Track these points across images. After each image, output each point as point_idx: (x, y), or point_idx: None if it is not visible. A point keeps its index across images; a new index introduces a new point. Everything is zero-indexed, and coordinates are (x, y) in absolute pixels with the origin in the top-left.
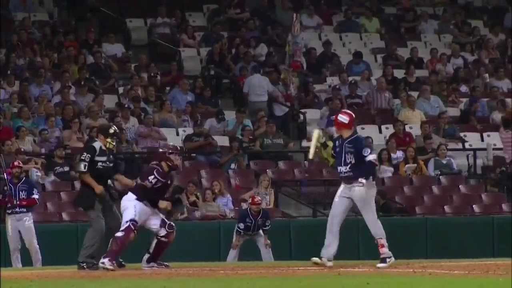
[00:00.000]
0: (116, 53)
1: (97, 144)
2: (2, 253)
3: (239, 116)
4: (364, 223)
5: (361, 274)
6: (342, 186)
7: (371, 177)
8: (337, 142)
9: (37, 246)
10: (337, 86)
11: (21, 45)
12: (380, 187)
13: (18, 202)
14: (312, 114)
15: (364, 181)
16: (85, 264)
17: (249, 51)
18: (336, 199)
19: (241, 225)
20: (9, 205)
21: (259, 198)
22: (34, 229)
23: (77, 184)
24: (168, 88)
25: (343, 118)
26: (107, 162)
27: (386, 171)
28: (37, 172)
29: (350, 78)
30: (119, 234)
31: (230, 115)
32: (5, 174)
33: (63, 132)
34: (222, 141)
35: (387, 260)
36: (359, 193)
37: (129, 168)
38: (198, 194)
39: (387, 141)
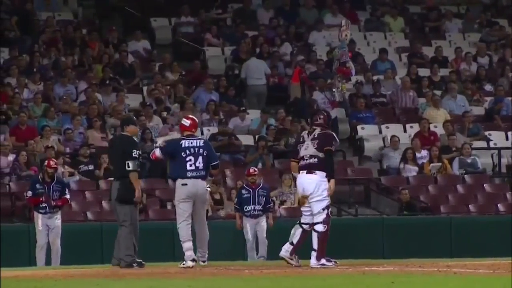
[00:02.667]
0: (140, 51)
1: (133, 138)
2: (27, 252)
3: (263, 115)
4: (388, 221)
5: (386, 273)
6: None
7: None
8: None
9: (60, 246)
10: (359, 81)
11: (46, 45)
12: (404, 186)
13: (55, 203)
14: (336, 112)
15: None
16: (133, 261)
17: (276, 51)
18: None
19: (238, 201)
20: (44, 205)
21: (255, 169)
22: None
23: (102, 184)
24: (191, 87)
25: (185, 121)
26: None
27: (411, 170)
28: (62, 171)
29: (375, 77)
30: (321, 228)
31: (254, 114)
32: (39, 173)
33: (87, 131)
34: (246, 140)
35: (182, 263)
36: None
37: (153, 167)
38: (222, 193)
39: (411, 140)
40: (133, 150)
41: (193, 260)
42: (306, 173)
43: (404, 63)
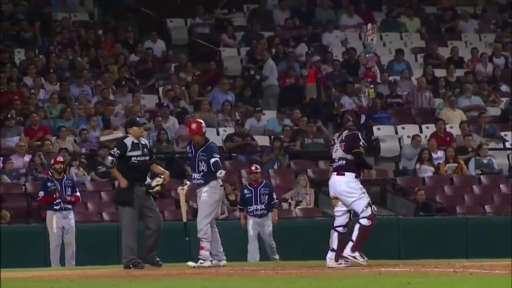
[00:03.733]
0: (156, 52)
1: (128, 140)
2: (43, 252)
3: (279, 116)
4: (404, 222)
5: (402, 274)
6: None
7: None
8: (188, 148)
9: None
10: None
11: (62, 45)
12: (420, 187)
13: (69, 199)
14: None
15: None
16: (130, 263)
17: (292, 51)
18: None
19: (241, 201)
20: (58, 201)
21: (257, 166)
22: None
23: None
24: (206, 88)
25: (204, 128)
26: (142, 156)
27: (427, 171)
28: (76, 171)
29: (390, 78)
30: (365, 222)
31: (270, 115)
32: (49, 172)
33: (103, 132)
34: (262, 140)
35: (200, 261)
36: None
37: (169, 168)
38: (238, 193)
39: (427, 140)
40: (114, 148)
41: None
42: (336, 175)
43: (420, 64)
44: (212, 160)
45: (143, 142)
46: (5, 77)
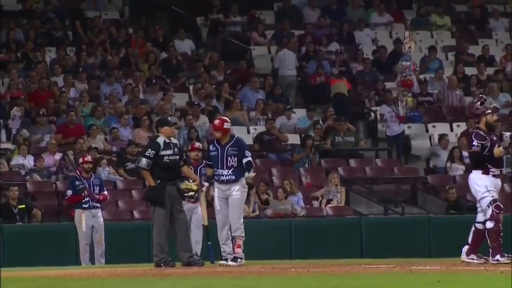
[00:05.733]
0: (186, 50)
1: (160, 139)
2: (74, 250)
3: (310, 114)
4: (435, 220)
5: (433, 272)
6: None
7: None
8: (211, 147)
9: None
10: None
11: (92, 44)
12: (451, 185)
13: (98, 197)
14: (382, 112)
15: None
16: (161, 261)
17: (320, 49)
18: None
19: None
20: (86, 199)
21: (200, 144)
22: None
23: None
24: (237, 86)
25: (228, 125)
26: (173, 155)
27: (458, 169)
28: (108, 169)
29: (421, 76)
30: (489, 225)
31: (300, 113)
32: (77, 171)
33: (134, 130)
34: (293, 139)
35: (238, 260)
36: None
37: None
38: (269, 192)
39: (458, 139)
40: (148, 149)
41: None
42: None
43: (451, 62)
44: (245, 160)
45: (174, 142)
46: (36, 75)
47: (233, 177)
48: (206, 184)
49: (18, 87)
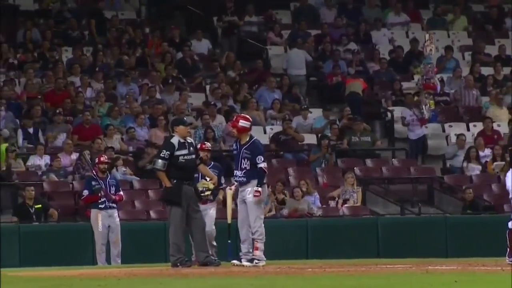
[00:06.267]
0: (202, 50)
1: (175, 139)
2: (90, 250)
3: (326, 114)
4: (452, 220)
5: (449, 272)
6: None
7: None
8: (234, 145)
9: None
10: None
11: (109, 44)
12: (468, 185)
13: (114, 197)
14: (399, 112)
15: (259, 189)
16: (177, 261)
17: (337, 49)
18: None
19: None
20: (103, 199)
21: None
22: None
23: None
24: (250, 86)
25: (244, 123)
26: (189, 155)
27: (474, 169)
28: (124, 169)
29: (438, 76)
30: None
31: (317, 113)
32: (93, 171)
33: (151, 130)
34: (309, 138)
35: (255, 261)
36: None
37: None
38: (286, 192)
39: (475, 139)
40: (163, 150)
41: None
42: None
43: (467, 62)
44: (258, 167)
45: (189, 141)
46: (52, 75)
47: (244, 179)
48: (236, 183)
49: (34, 87)
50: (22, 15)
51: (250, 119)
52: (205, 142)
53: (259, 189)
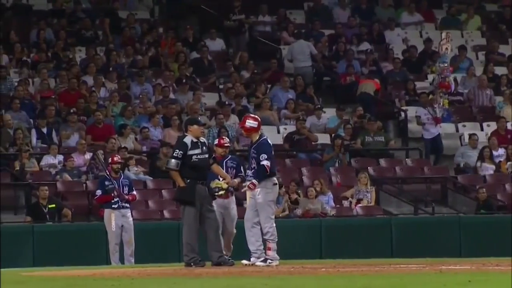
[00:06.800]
0: (216, 50)
1: (188, 139)
2: (104, 250)
3: (339, 114)
4: (465, 220)
5: (463, 272)
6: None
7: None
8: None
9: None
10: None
11: (123, 43)
12: (481, 185)
13: (127, 197)
14: (413, 112)
15: (255, 182)
16: (191, 261)
17: (350, 49)
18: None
19: None
20: (116, 199)
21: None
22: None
23: None
24: (266, 86)
25: (251, 123)
26: (202, 154)
27: (488, 169)
28: (136, 169)
29: (451, 75)
30: None
31: (330, 113)
32: (106, 171)
33: (164, 130)
34: (323, 138)
35: (268, 261)
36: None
37: None
38: (299, 191)
39: (488, 138)
40: (176, 150)
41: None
42: None
43: (481, 62)
44: (260, 163)
45: (202, 140)
46: (66, 75)
47: (253, 179)
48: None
49: (49, 86)
50: (36, 15)
51: (259, 118)
52: (224, 137)
53: (255, 182)
